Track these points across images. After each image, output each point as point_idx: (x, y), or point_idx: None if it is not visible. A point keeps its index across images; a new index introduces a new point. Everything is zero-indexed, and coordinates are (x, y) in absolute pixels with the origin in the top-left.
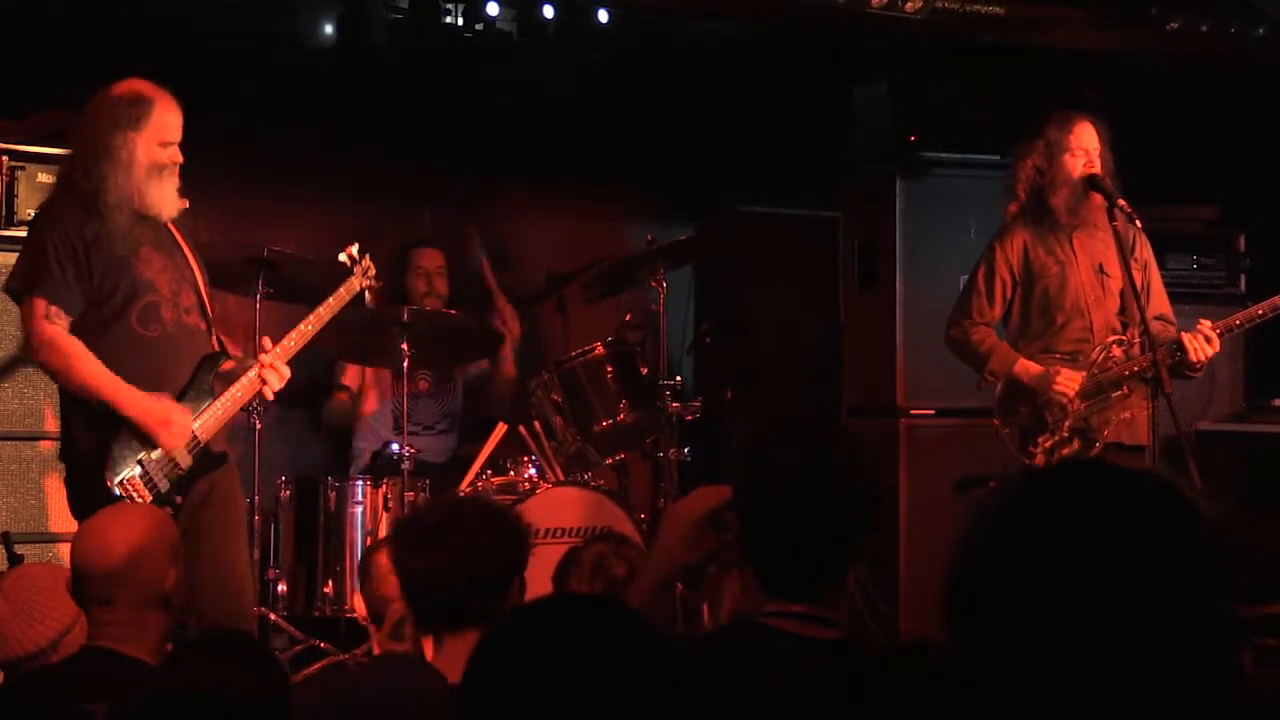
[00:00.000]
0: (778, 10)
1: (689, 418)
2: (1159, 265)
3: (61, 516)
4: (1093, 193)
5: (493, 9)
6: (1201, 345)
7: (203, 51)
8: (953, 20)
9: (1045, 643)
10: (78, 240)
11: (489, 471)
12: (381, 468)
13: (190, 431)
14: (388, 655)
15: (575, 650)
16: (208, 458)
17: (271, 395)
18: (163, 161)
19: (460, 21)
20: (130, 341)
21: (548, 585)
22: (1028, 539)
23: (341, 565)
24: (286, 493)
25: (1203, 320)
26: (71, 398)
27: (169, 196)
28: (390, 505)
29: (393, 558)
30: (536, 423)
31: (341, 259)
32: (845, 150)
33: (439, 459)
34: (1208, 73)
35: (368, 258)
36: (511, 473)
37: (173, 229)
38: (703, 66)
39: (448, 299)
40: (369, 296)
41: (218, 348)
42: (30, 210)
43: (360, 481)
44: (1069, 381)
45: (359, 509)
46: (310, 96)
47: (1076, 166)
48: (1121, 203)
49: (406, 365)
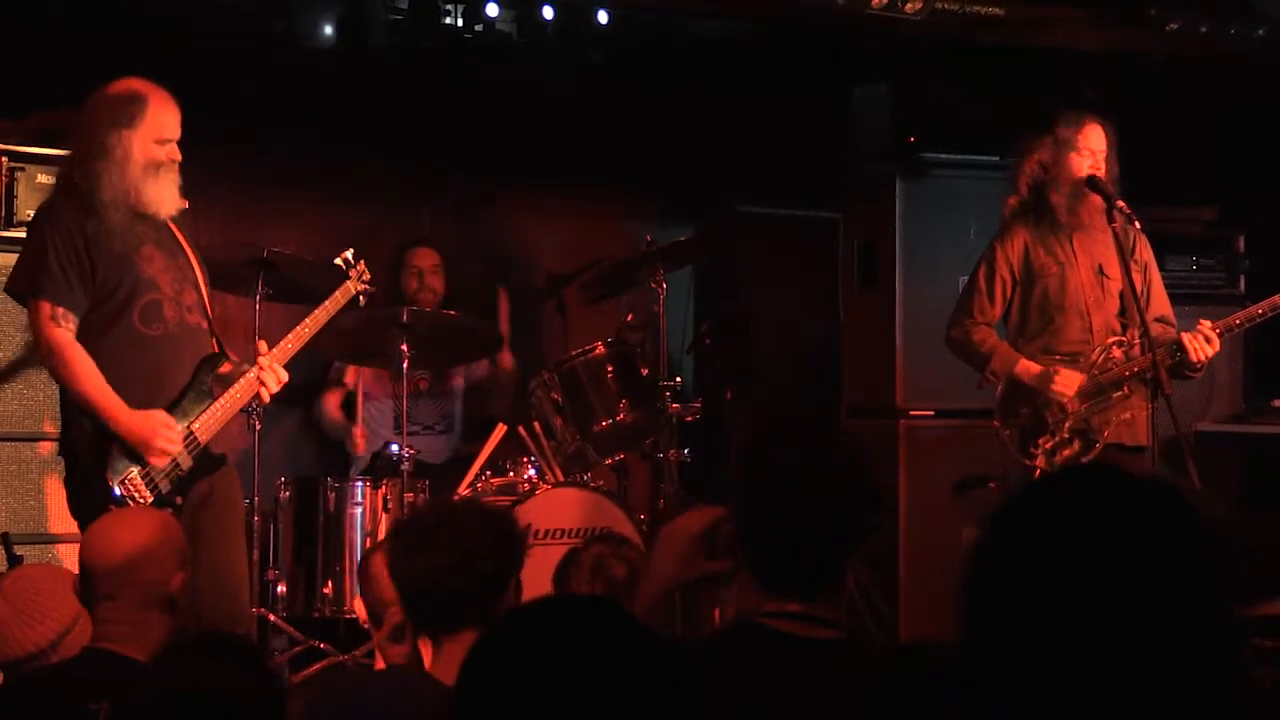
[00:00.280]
0: (778, 10)
1: (689, 418)
2: (1159, 266)
3: (61, 518)
4: (1092, 194)
5: (492, 10)
6: (1201, 345)
7: (203, 51)
8: (952, 21)
9: (1052, 642)
10: (78, 239)
11: (488, 472)
12: (381, 469)
13: (180, 446)
14: (389, 667)
15: (575, 652)
16: (208, 459)
17: (268, 398)
18: (159, 159)
19: (460, 22)
20: (132, 340)
21: (548, 586)
22: (1035, 541)
23: (341, 566)
24: (286, 493)
25: (1202, 320)
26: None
27: (168, 194)
28: (390, 506)
29: (389, 560)
30: (536, 423)
31: (337, 263)
32: (845, 150)
33: (438, 459)
34: (1207, 73)
35: (363, 262)
36: (511, 473)
37: (174, 229)
38: (703, 66)
39: (445, 297)
40: (364, 300)
41: (217, 349)
42: (30, 211)
43: (360, 482)
44: (1068, 381)
45: (358, 510)
46: (310, 97)
47: (1082, 166)
48: (1120, 204)
49: (406, 365)
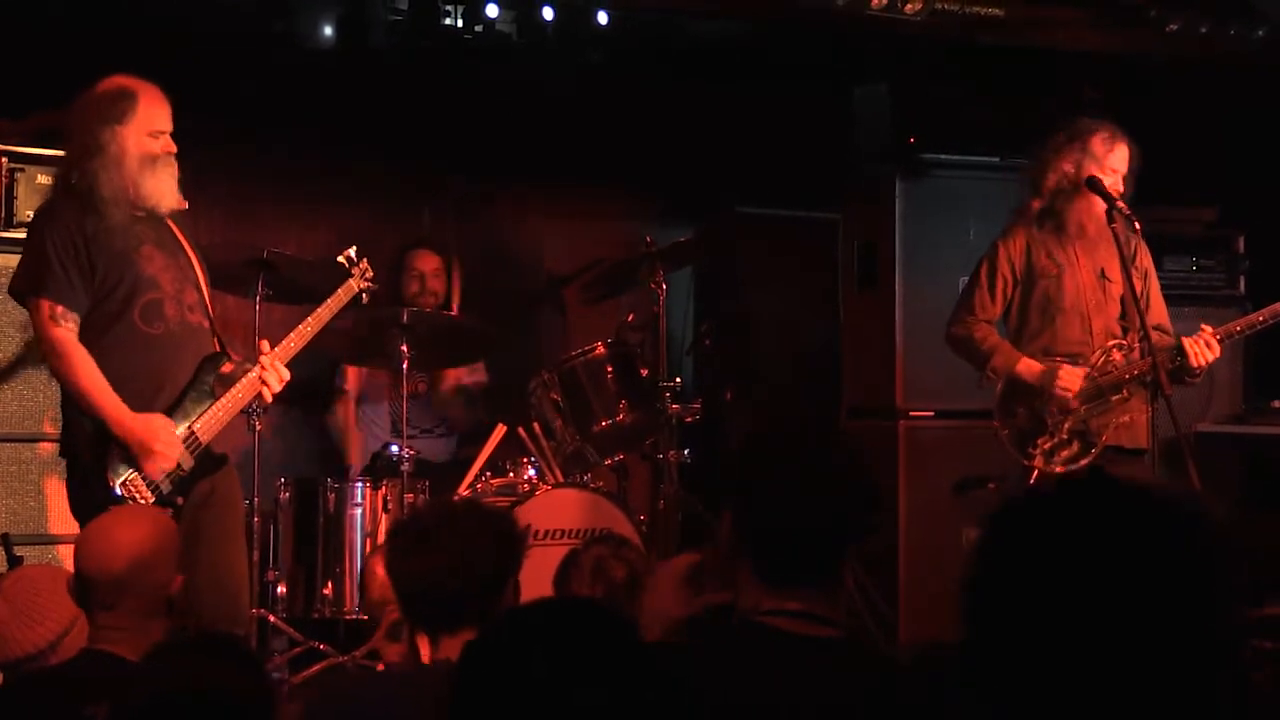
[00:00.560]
0: (778, 10)
1: (689, 419)
2: (1158, 266)
3: (61, 518)
4: (1093, 195)
5: (492, 10)
6: (1202, 350)
7: (203, 51)
8: (952, 21)
9: (1052, 643)
10: (78, 238)
11: (488, 473)
12: (381, 469)
13: (178, 454)
14: (388, 666)
15: (576, 652)
16: (209, 459)
17: (271, 397)
18: (155, 152)
19: (460, 23)
20: (133, 339)
21: (548, 587)
22: (1036, 542)
23: (341, 567)
24: (286, 494)
25: (1204, 325)
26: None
27: (166, 187)
28: (390, 507)
29: (387, 561)
30: (536, 424)
31: (339, 261)
32: (845, 151)
33: (437, 459)
34: (1207, 74)
35: (365, 260)
36: (511, 474)
37: (174, 228)
38: (703, 66)
39: (445, 300)
40: (366, 298)
41: (219, 348)
42: (30, 211)
43: (359, 483)
44: (1072, 378)
45: (358, 511)
46: (310, 97)
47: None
48: (1121, 205)
49: (406, 367)
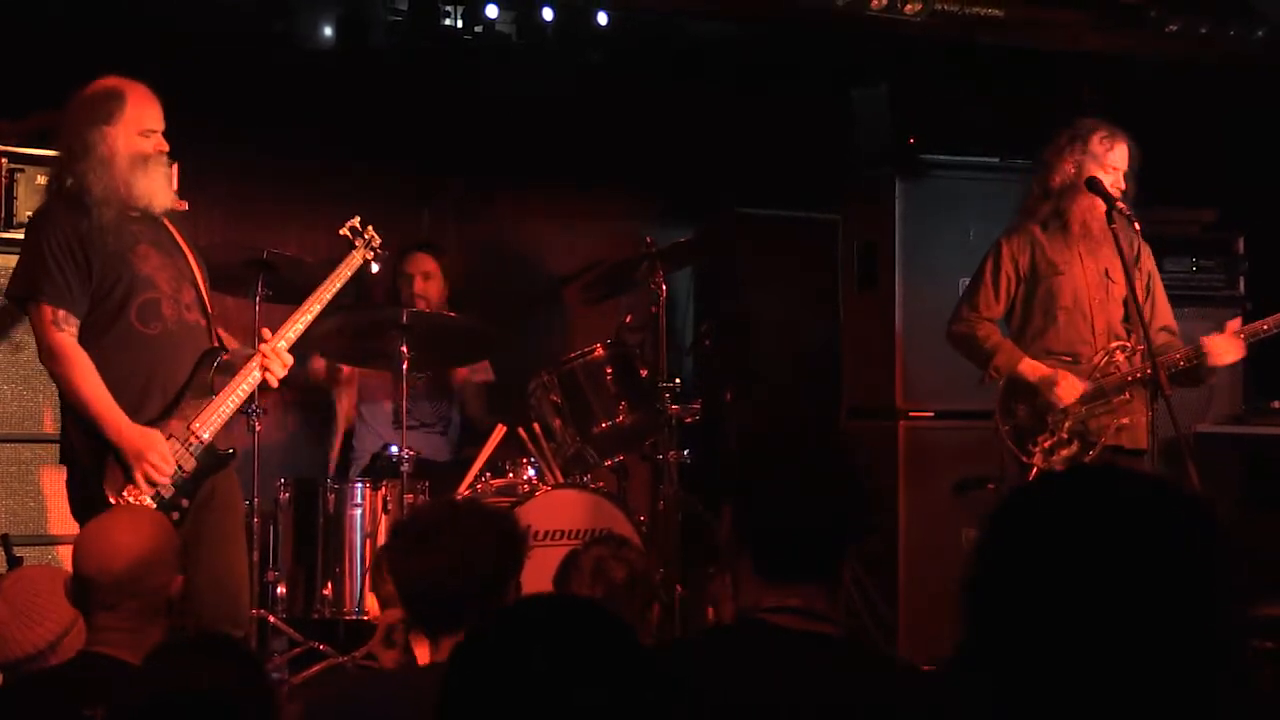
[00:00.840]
0: (778, 11)
1: (688, 419)
2: (1158, 268)
3: (61, 518)
4: (1092, 196)
5: (492, 11)
6: (1225, 350)
7: (203, 51)
8: (952, 22)
9: (1052, 643)
10: (73, 240)
11: (488, 474)
12: (381, 470)
13: (169, 474)
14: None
15: (575, 651)
16: (213, 456)
17: (276, 383)
18: (145, 151)
19: (459, 23)
20: (131, 339)
21: (548, 588)
22: (1036, 541)
23: (341, 567)
24: (286, 495)
25: (1229, 324)
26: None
27: (159, 186)
28: (390, 508)
29: (388, 561)
30: (536, 425)
31: (343, 232)
32: (845, 152)
33: (437, 458)
34: (1207, 75)
35: (371, 228)
36: (511, 475)
37: (171, 228)
38: (703, 67)
39: (446, 301)
40: (376, 267)
41: (216, 344)
42: (29, 212)
43: (359, 484)
44: (1071, 389)
45: (358, 511)
46: (310, 98)
47: (1103, 182)
48: (1121, 206)
49: (406, 367)
